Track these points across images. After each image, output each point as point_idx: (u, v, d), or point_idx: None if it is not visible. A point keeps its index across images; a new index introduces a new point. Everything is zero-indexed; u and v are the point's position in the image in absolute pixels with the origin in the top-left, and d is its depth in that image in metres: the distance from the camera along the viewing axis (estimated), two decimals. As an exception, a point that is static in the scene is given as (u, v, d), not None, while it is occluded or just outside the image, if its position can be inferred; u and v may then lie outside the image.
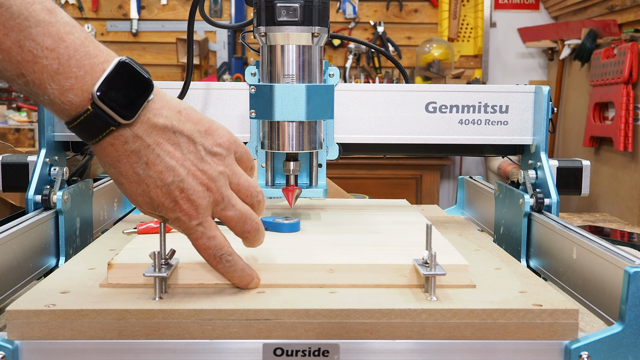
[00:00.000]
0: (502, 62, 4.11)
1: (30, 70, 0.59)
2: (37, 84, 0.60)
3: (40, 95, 0.61)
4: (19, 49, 0.59)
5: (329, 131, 1.04)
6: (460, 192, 1.38)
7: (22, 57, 0.59)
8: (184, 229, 0.67)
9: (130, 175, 0.64)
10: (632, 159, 2.94)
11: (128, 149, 0.63)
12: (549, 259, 0.92)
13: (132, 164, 0.64)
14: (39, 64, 0.59)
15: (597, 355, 0.64)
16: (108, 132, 0.63)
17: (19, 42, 0.58)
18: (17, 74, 0.59)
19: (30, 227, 0.86)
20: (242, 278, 0.70)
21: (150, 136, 0.64)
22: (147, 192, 0.65)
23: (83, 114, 0.61)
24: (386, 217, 1.04)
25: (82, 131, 0.63)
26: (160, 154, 0.64)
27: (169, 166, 0.64)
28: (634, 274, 0.64)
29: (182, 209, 0.65)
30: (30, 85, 0.60)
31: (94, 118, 0.61)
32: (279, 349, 0.64)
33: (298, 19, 0.91)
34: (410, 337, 0.65)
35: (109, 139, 0.63)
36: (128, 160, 0.64)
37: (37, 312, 0.64)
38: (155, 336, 0.64)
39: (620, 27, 3.14)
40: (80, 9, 3.92)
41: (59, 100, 0.61)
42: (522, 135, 1.05)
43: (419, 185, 3.58)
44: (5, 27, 0.58)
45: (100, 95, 0.61)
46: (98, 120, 0.62)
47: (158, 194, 0.64)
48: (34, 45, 0.59)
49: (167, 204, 0.65)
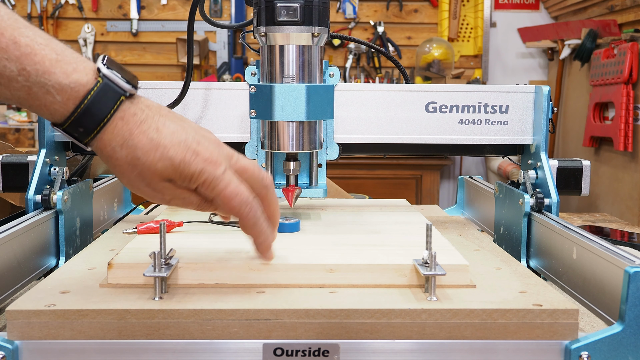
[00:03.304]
0: (502, 62, 4.11)
1: (31, 62, 0.60)
2: (41, 72, 0.61)
3: (45, 84, 0.61)
4: (16, 45, 0.60)
5: (329, 131, 1.04)
6: (460, 192, 1.38)
7: (20, 51, 0.60)
8: (210, 181, 0.66)
9: (145, 143, 0.64)
10: (632, 159, 2.94)
11: (137, 119, 0.64)
12: (549, 259, 0.92)
13: (145, 132, 0.64)
14: (39, 55, 0.61)
15: (597, 355, 0.65)
16: (119, 103, 0.64)
17: (14, 39, 0.60)
18: (18, 69, 0.60)
19: (30, 227, 0.86)
20: (267, 235, 0.71)
21: (151, 109, 0.66)
22: (166, 153, 0.65)
23: (93, 89, 0.63)
24: (386, 217, 1.04)
25: (93, 112, 0.63)
26: (165, 122, 0.66)
27: (177, 128, 0.66)
28: (634, 274, 0.64)
29: (204, 157, 0.66)
30: (33, 77, 0.61)
31: (104, 90, 0.63)
32: (279, 349, 0.64)
33: (298, 19, 0.91)
34: (410, 337, 0.65)
35: (119, 114, 0.64)
36: (140, 129, 0.64)
37: (37, 312, 0.64)
38: (156, 336, 0.64)
39: (620, 27, 3.14)
40: (80, 9, 3.92)
41: (66, 82, 0.62)
42: (522, 135, 1.05)
43: (419, 185, 3.58)
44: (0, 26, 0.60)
45: (106, 66, 0.64)
46: (109, 91, 0.63)
47: (177, 151, 0.65)
48: (29, 40, 0.61)
49: (188, 157, 0.65)
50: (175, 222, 0.91)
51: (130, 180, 0.66)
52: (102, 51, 3.92)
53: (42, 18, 3.87)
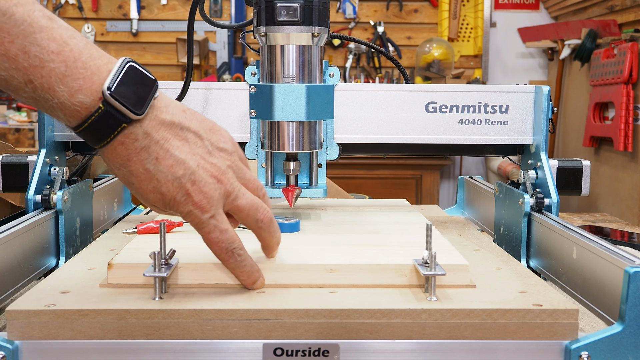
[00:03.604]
0: (502, 62, 4.11)
1: (37, 75, 0.59)
2: (46, 88, 0.60)
3: (49, 100, 0.61)
4: (25, 55, 0.59)
5: (329, 131, 1.04)
6: (460, 192, 1.38)
7: (28, 62, 0.59)
8: (196, 223, 0.67)
9: (141, 172, 0.64)
10: (632, 159, 2.94)
11: (138, 146, 0.64)
12: (549, 259, 0.92)
13: (142, 161, 0.64)
14: (46, 68, 0.60)
15: (597, 355, 0.64)
16: (120, 130, 0.63)
17: (24, 49, 0.59)
18: (25, 80, 0.60)
19: (30, 227, 0.86)
20: (250, 274, 0.70)
21: (159, 132, 0.64)
22: (159, 188, 0.65)
23: (94, 114, 0.62)
24: (386, 217, 1.04)
25: (94, 132, 0.63)
26: (169, 148, 0.64)
27: (178, 160, 0.65)
28: (634, 274, 0.64)
29: (194, 201, 0.65)
30: (39, 91, 0.60)
31: (105, 116, 0.62)
32: (279, 349, 0.64)
33: (298, 19, 0.91)
34: (410, 337, 0.65)
35: (120, 138, 0.63)
36: (138, 157, 0.64)
37: (37, 312, 0.64)
38: (156, 336, 0.64)
39: (620, 27, 3.14)
40: (80, 9, 3.92)
41: (69, 102, 0.61)
42: (522, 135, 1.05)
43: (419, 185, 3.58)
44: (10, 34, 0.59)
45: (110, 93, 0.61)
46: (110, 119, 0.62)
47: (169, 189, 0.65)
48: (39, 50, 0.59)
49: (178, 197, 0.65)
50: (175, 222, 0.91)
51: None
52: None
53: (42, 18, 3.86)
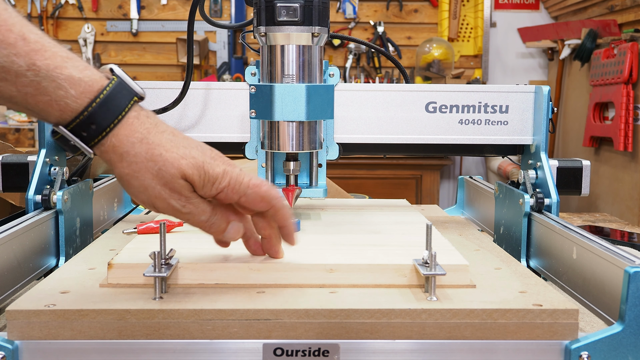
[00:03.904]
0: (502, 62, 4.11)
1: (41, 57, 0.60)
2: (53, 67, 0.61)
3: (56, 79, 0.61)
4: (25, 41, 0.60)
5: (329, 131, 1.04)
6: (460, 192, 1.38)
7: (30, 47, 0.60)
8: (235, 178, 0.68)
9: (166, 141, 0.66)
10: (632, 159, 2.94)
11: (152, 122, 0.66)
12: (549, 259, 0.92)
13: (161, 132, 0.66)
14: (50, 51, 0.61)
15: (597, 355, 0.64)
16: (133, 102, 0.65)
17: (23, 35, 0.60)
18: (28, 64, 0.60)
19: (30, 227, 0.86)
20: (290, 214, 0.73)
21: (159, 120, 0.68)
22: (189, 153, 0.66)
23: (109, 84, 0.63)
24: (386, 217, 1.04)
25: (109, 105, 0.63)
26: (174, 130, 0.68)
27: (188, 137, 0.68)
28: (634, 274, 0.64)
29: (223, 161, 0.68)
30: (44, 71, 0.60)
31: (119, 87, 0.64)
32: (279, 349, 0.64)
33: (298, 19, 0.91)
34: (410, 337, 0.65)
35: (134, 112, 0.65)
36: (157, 129, 0.66)
37: (37, 312, 0.64)
38: (155, 336, 0.64)
39: (620, 27, 3.14)
40: (80, 9, 3.92)
41: (79, 76, 0.62)
42: (522, 135, 1.05)
43: (419, 185, 3.58)
44: (7, 23, 0.60)
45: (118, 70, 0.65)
46: (123, 89, 0.64)
47: (198, 153, 0.66)
48: (38, 37, 0.61)
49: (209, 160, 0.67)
50: (176, 222, 0.91)
51: (144, 182, 0.64)
52: (102, 51, 3.92)
53: (42, 18, 3.86)
